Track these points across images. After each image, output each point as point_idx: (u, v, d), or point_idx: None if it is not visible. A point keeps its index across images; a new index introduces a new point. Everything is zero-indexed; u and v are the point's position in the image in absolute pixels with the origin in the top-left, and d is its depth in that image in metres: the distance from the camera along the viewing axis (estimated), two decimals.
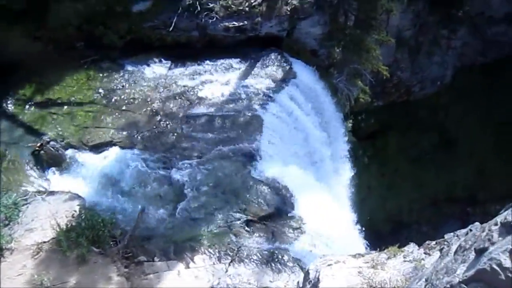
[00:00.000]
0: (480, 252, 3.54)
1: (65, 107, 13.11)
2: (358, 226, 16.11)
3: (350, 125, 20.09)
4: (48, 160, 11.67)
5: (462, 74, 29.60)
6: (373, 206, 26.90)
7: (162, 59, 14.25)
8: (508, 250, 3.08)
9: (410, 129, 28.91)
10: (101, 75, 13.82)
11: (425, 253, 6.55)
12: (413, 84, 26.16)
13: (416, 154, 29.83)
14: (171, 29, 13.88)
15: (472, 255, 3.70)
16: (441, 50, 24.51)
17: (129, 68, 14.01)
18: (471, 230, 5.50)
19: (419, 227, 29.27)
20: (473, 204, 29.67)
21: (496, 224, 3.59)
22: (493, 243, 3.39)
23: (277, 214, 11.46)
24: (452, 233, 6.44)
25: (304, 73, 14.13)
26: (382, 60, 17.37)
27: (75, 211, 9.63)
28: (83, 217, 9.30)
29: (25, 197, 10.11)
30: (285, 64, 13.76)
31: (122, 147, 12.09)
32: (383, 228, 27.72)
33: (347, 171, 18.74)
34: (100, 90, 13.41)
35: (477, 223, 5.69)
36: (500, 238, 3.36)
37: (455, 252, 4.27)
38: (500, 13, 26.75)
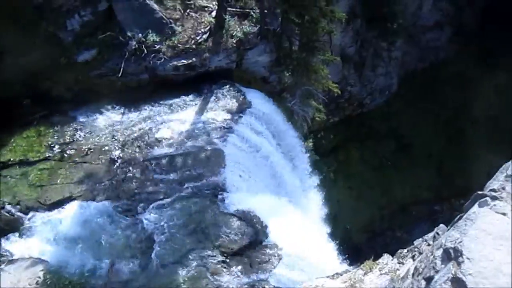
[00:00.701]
0: (427, 280, 3.70)
1: (18, 167, 12.50)
2: (333, 242, 16.24)
3: (311, 144, 20.52)
4: (5, 227, 11.00)
5: (407, 81, 31.30)
6: (345, 219, 27.27)
7: (114, 105, 14.04)
8: (449, 279, 3.20)
9: (368, 139, 29.94)
10: (52, 130, 13.37)
11: (398, 262, 6.70)
12: (364, 97, 27.29)
13: (377, 163, 30.81)
14: (120, 74, 13.77)
15: (423, 282, 3.84)
16: (384, 61, 25.87)
17: (81, 119, 13.67)
18: (437, 233, 5.72)
19: (393, 233, 29.91)
20: (439, 202, 30.86)
21: (438, 248, 3.74)
22: (437, 271, 3.53)
23: (252, 244, 11.37)
24: (421, 239, 6.66)
25: (258, 101, 14.38)
26: (331, 78, 18.07)
27: (39, 277, 9.10)
28: (48, 282, 8.79)
29: None
30: (238, 95, 13.96)
31: (82, 201, 11.63)
32: (358, 240, 28.09)
33: (314, 189, 19.03)
34: (53, 145, 12.94)
35: (441, 226, 5.93)
36: (443, 266, 3.50)
37: (413, 275, 4.41)
38: (431, 22, 28.84)
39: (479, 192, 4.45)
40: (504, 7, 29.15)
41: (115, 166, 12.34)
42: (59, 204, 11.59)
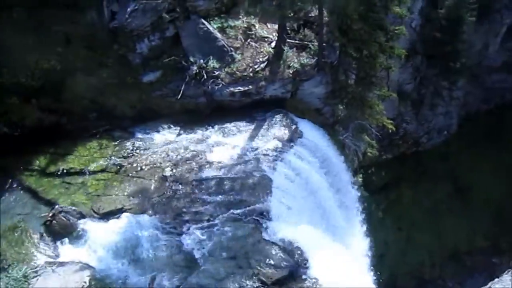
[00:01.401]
0: None
1: (78, 176, 13.36)
2: (376, 284, 15.48)
3: (360, 179, 20.04)
4: (60, 230, 11.68)
5: (468, 122, 29.84)
6: (392, 261, 25.96)
7: (171, 125, 14.71)
8: None
9: (422, 180, 28.62)
10: (112, 143, 14.24)
11: None
12: (420, 135, 26.33)
13: (431, 205, 29.21)
14: (179, 96, 14.48)
15: None
16: (444, 101, 24.94)
17: (140, 135, 14.45)
18: None
19: (444, 283, 27.95)
20: (498, 254, 28.49)
21: None
22: None
23: (292, 276, 11.14)
24: None
25: (310, 132, 14.41)
26: (386, 114, 17.73)
27: (85, 282, 9.51)
28: None
29: (35, 269, 10.04)
30: (291, 124, 14.09)
31: (133, 214, 12.12)
32: (404, 285, 26.51)
33: (361, 227, 18.39)
34: (112, 158, 13.73)
35: (496, 280, 5.51)
36: None
37: None
38: (498, 62, 27.51)
39: None
40: None
41: (166, 183, 12.79)
42: (111, 214, 12.16)
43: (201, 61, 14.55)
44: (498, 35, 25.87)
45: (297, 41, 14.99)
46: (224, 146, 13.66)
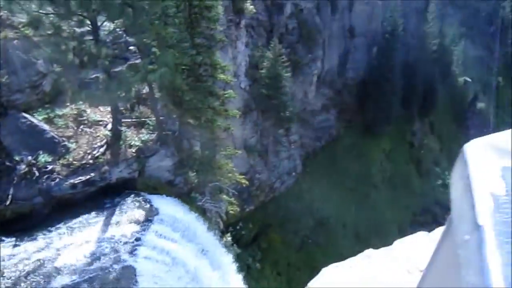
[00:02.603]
0: None
1: None
2: None
3: (230, 238, 20.17)
4: None
5: (310, 160, 33.70)
6: None
7: (3, 238, 12.48)
8: None
9: (286, 221, 30.53)
10: None
11: None
12: (274, 182, 28.43)
13: (299, 243, 31.23)
14: (8, 202, 12.53)
15: None
16: (284, 146, 27.73)
17: None
18: None
19: None
20: None
21: None
22: None
23: None
24: None
25: (167, 206, 13.99)
26: (239, 170, 18.63)
27: None
28: None
29: None
30: (144, 204, 13.47)
31: None
32: None
33: (243, 284, 18.26)
34: None
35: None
36: None
37: None
38: (318, 106, 32.34)
39: None
40: (374, 88, 34.22)
41: None
42: None
43: (29, 157, 13.04)
44: (312, 84, 30.58)
45: (134, 119, 14.84)
46: (73, 245, 12.13)
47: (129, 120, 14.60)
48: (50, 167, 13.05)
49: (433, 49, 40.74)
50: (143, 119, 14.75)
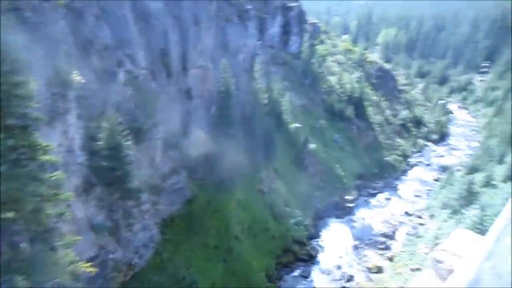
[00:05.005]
0: None
1: None
2: None
3: None
4: None
5: (167, 226, 32.26)
6: None
7: None
8: None
9: None
10: None
11: None
12: (131, 258, 25.99)
13: None
14: None
15: None
16: (137, 218, 25.92)
17: None
18: None
19: None
20: None
21: None
22: None
23: None
24: None
25: None
26: (85, 255, 16.39)
27: None
28: None
29: None
30: None
31: None
32: None
33: None
34: None
35: None
36: None
37: None
38: (166, 169, 31.72)
39: None
40: (219, 144, 35.63)
41: None
42: None
43: None
44: (157, 148, 29.98)
45: None
46: None
47: None
48: None
49: (265, 103, 45.22)
50: None
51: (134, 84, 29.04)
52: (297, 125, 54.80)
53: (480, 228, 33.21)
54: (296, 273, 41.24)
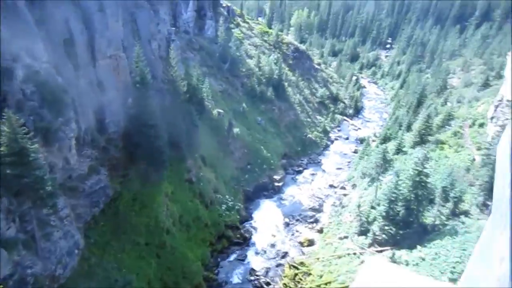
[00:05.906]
0: None
1: None
2: None
3: None
4: None
5: (92, 229, 30.20)
6: None
7: None
8: None
9: None
10: None
11: None
12: (53, 270, 23.86)
13: None
14: None
15: None
16: (55, 226, 23.82)
17: None
18: None
19: None
20: None
21: None
22: None
23: None
24: None
25: None
26: None
27: None
28: None
29: None
30: None
31: None
32: None
33: None
34: None
35: None
36: None
37: None
38: (84, 169, 29.51)
39: None
40: (139, 136, 33.98)
41: None
42: None
43: None
44: (71, 148, 27.60)
45: None
46: None
47: None
48: None
49: (184, 90, 43.92)
50: None
51: (36, 80, 26.22)
52: (220, 110, 54.45)
53: (396, 192, 36.10)
54: (232, 257, 41.62)
